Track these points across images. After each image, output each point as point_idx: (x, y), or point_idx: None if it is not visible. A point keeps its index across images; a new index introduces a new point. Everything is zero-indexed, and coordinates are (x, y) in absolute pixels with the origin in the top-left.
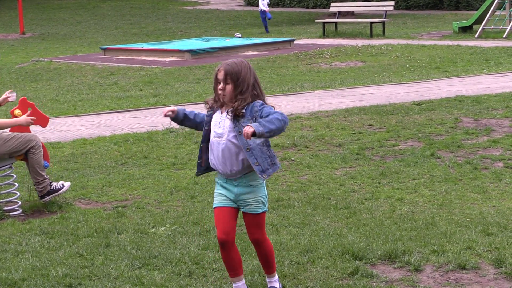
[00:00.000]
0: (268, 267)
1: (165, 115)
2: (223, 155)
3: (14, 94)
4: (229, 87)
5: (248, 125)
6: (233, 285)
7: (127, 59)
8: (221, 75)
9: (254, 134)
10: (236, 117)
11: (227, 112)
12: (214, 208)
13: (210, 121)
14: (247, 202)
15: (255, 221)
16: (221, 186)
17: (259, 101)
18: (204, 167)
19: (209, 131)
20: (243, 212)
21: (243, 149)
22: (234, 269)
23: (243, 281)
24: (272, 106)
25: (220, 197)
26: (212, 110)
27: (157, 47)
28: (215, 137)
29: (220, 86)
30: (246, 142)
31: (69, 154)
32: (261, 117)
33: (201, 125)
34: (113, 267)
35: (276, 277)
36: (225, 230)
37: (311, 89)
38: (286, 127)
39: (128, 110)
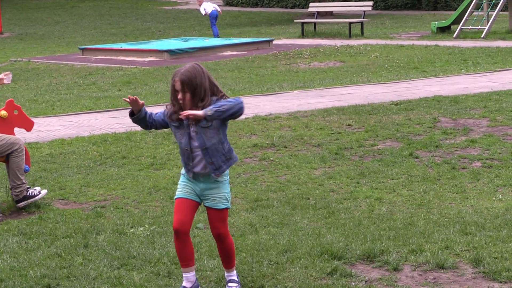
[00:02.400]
0: (228, 262)
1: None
2: (197, 161)
3: (11, 76)
4: (187, 95)
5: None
6: (183, 275)
7: (105, 59)
8: (178, 86)
9: (204, 118)
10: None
11: (194, 125)
12: (176, 198)
13: (177, 128)
14: (210, 197)
15: (218, 216)
16: (187, 179)
17: (213, 97)
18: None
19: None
20: (206, 207)
21: (200, 148)
22: (185, 260)
23: (194, 272)
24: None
25: (185, 188)
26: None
27: (135, 47)
28: (186, 149)
29: (180, 96)
30: (203, 142)
31: (47, 154)
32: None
33: (152, 126)
34: (91, 267)
35: (235, 272)
36: (182, 220)
37: (290, 89)
38: (242, 110)
39: (106, 110)
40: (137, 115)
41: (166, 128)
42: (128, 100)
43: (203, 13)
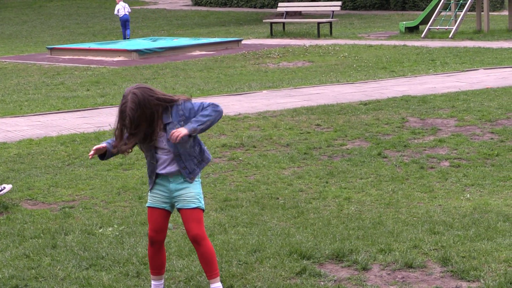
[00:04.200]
0: (209, 270)
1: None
2: (162, 161)
3: None
4: (142, 127)
5: (176, 130)
6: (152, 282)
7: (74, 59)
8: (128, 123)
9: (188, 135)
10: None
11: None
12: (147, 206)
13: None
14: (181, 198)
15: (191, 216)
16: (157, 183)
17: (188, 103)
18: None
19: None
20: (179, 209)
21: (173, 154)
22: (157, 268)
23: (163, 281)
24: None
25: (154, 197)
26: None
27: (104, 46)
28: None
29: (134, 130)
30: (176, 148)
31: (15, 154)
32: (196, 112)
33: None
34: (60, 268)
35: (219, 283)
36: (156, 228)
37: (259, 89)
38: (221, 116)
39: (75, 110)
40: (106, 155)
41: None
42: (92, 155)
43: (116, 13)
